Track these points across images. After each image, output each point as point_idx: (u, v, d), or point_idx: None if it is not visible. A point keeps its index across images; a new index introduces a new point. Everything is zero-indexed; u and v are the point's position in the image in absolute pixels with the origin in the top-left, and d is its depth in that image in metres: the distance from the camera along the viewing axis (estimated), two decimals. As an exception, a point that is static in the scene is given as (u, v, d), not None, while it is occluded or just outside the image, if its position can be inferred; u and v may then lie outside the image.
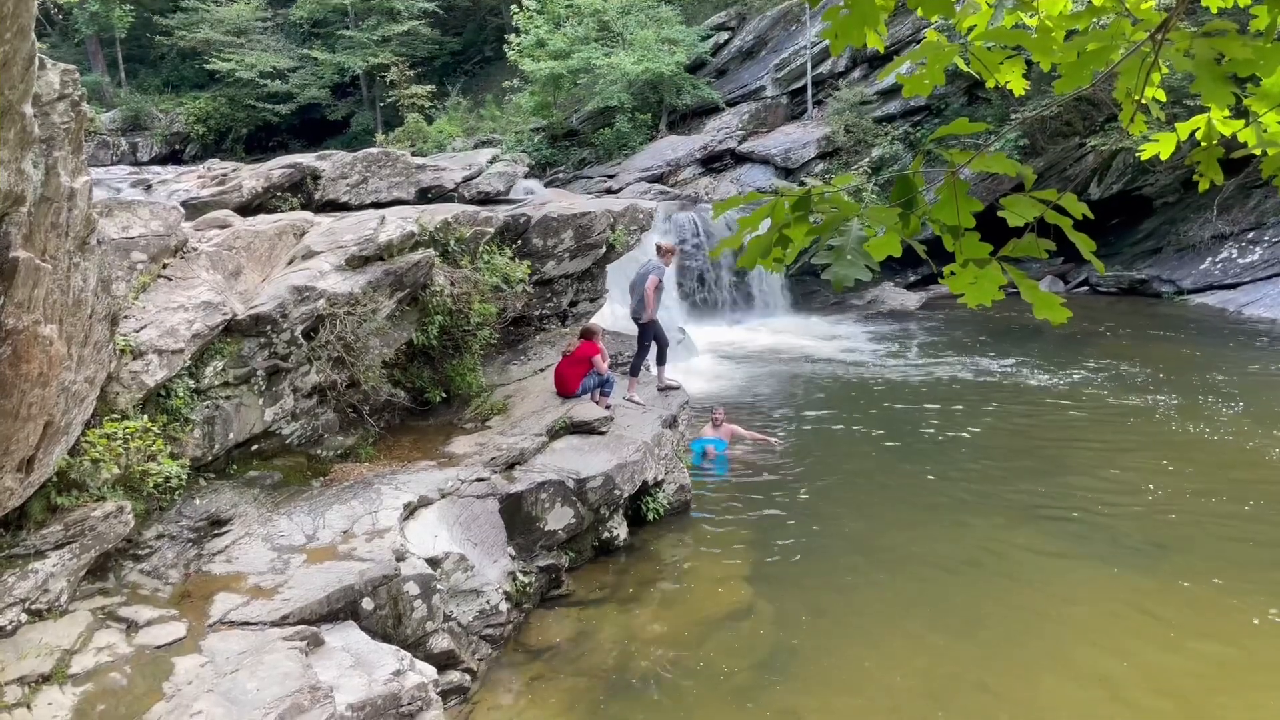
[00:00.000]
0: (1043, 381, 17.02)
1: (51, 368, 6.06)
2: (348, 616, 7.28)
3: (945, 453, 13.45)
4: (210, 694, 6.01)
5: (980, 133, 2.39)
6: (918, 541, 10.49)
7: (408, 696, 6.54)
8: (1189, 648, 8.15)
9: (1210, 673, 7.81)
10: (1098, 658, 8.02)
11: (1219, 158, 3.42)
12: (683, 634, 8.68)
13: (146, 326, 8.05)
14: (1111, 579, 9.40)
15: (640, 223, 14.71)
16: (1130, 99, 2.97)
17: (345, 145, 35.42)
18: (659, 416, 11.63)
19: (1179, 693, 7.55)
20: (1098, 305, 23.93)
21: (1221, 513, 10.85)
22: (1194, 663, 7.94)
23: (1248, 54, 2.40)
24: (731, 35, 33.30)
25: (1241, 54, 2.40)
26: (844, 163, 27.31)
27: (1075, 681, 7.71)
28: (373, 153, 14.64)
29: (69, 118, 5.83)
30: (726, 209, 2.87)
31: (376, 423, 10.49)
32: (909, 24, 27.10)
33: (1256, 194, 24.80)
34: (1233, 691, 7.55)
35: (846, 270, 2.41)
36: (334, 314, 9.61)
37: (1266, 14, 2.96)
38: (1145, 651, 8.11)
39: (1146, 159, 3.98)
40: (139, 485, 7.46)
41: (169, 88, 44.37)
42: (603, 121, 31.87)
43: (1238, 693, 7.53)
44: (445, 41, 42.65)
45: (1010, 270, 2.69)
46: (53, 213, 5.78)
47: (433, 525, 8.69)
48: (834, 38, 2.67)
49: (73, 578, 6.80)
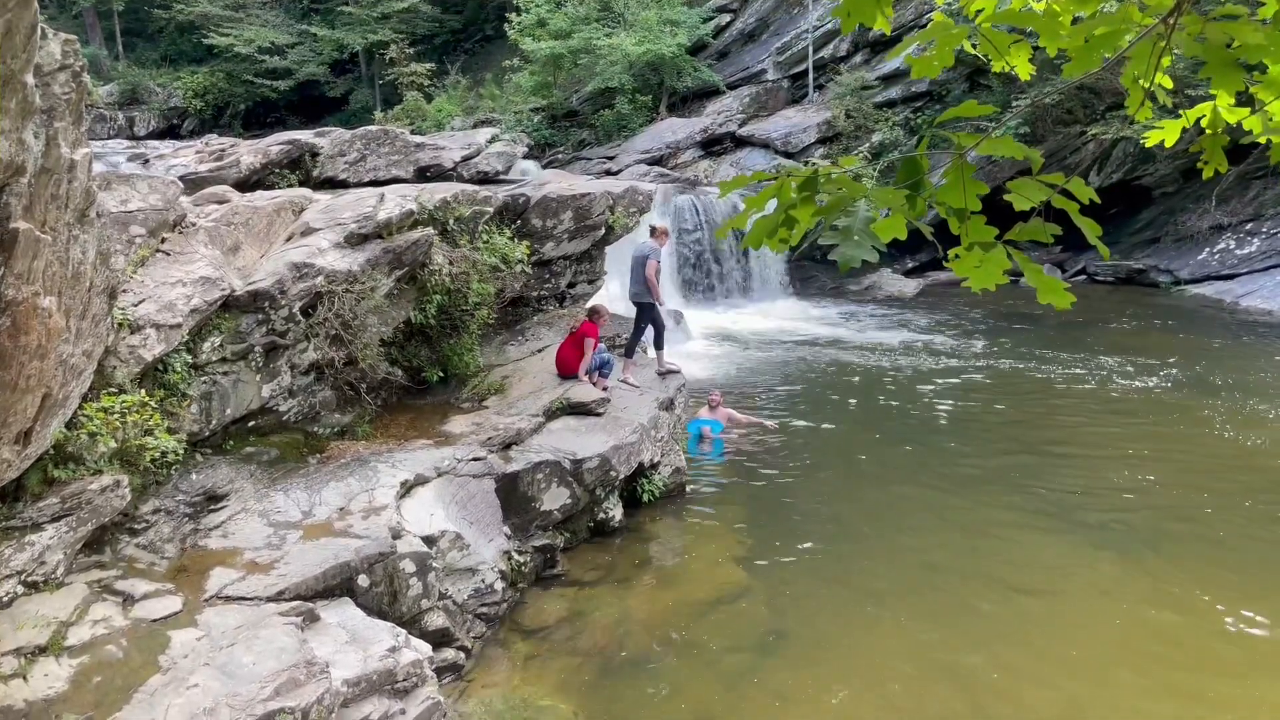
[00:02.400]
0: (1039, 369, 17.04)
1: (50, 340, 6.04)
2: (343, 593, 7.30)
3: (940, 439, 13.48)
4: (207, 667, 6.03)
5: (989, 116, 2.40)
6: (910, 528, 10.53)
7: (403, 673, 6.57)
8: (1176, 637, 8.20)
9: (1196, 662, 7.86)
10: (1087, 646, 8.06)
11: (1224, 146, 3.41)
12: (676, 615, 8.72)
13: (144, 301, 8.03)
14: (1104, 569, 9.45)
15: (640, 205, 14.67)
16: (1138, 85, 2.96)
17: (344, 122, 35.24)
18: (656, 399, 11.64)
19: (1167, 683, 7.60)
20: (1095, 294, 23.95)
21: (1215, 505, 10.89)
22: (1180, 652, 7.99)
23: (1259, 39, 2.40)
24: (733, 17, 33.17)
25: (1254, 39, 2.39)
26: (844, 148, 27.29)
27: (1064, 670, 7.75)
28: (371, 130, 14.58)
29: (70, 89, 5.79)
30: (733, 189, 2.86)
31: (373, 401, 10.48)
32: (911, 9, 27.00)
33: (1255, 185, 24.82)
34: (1224, 684, 7.60)
35: (854, 251, 2.41)
36: (332, 291, 9.58)
37: (1276, 2, 2.95)
38: (1135, 640, 8.15)
39: (1150, 146, 3.97)
40: (136, 459, 7.45)
41: (167, 62, 44.18)
42: (603, 103, 31.77)
43: (1229, 685, 7.58)
44: (445, 19, 42.46)
45: (1015, 255, 2.69)
46: (53, 184, 5.76)
47: (429, 504, 8.70)
48: (845, 16, 2.65)
49: (69, 550, 6.80)
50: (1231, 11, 2.47)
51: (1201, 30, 2.52)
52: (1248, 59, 2.55)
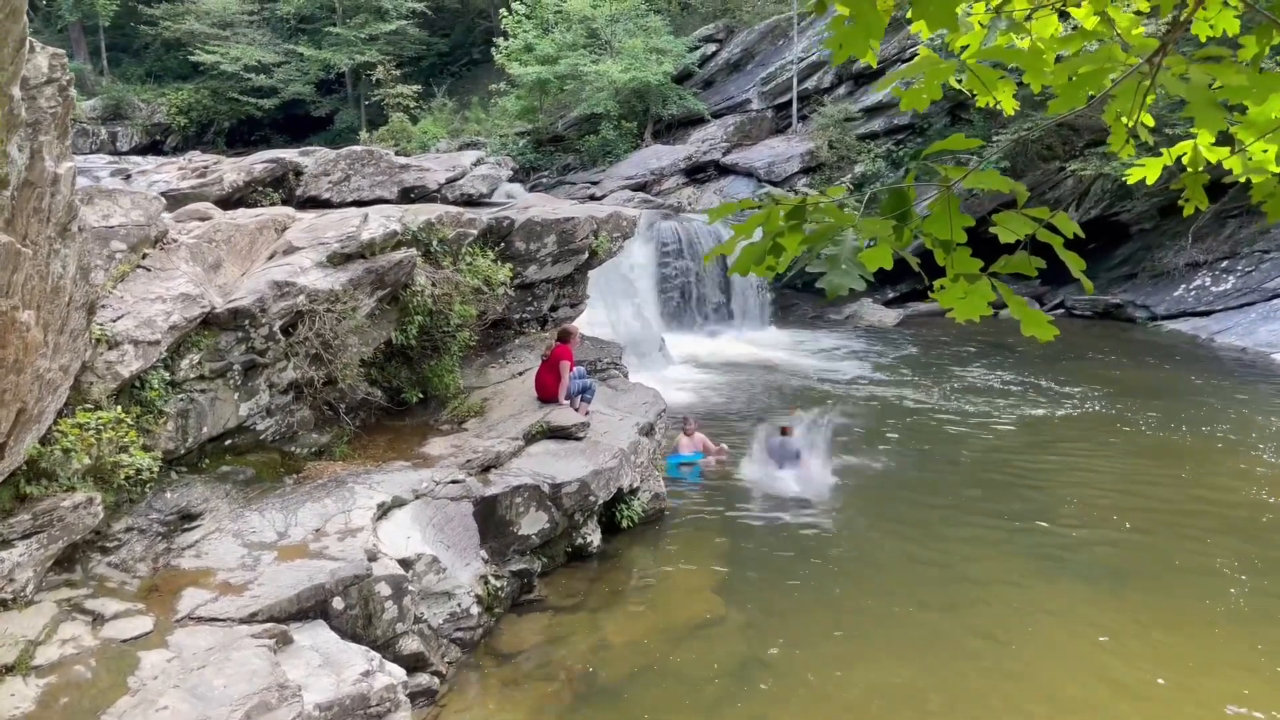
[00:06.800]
0: (1017, 401, 17.15)
1: (27, 354, 5.98)
2: (318, 615, 7.21)
3: (915, 468, 13.51)
4: (176, 689, 5.94)
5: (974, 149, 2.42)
6: (887, 556, 10.54)
7: (376, 698, 6.49)
8: (1152, 671, 8.22)
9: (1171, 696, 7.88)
10: (1063, 677, 8.06)
11: (1204, 184, 3.47)
12: (653, 642, 8.67)
13: (123, 316, 7.96)
14: (1078, 600, 9.47)
15: (624, 230, 14.72)
16: (1121, 123, 3.00)
17: (329, 142, 35.25)
18: (636, 424, 11.62)
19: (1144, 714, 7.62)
20: (1073, 328, 24.16)
21: (1189, 538, 10.95)
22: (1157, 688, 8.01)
23: (1241, 80, 2.44)
24: (719, 47, 33.48)
25: (1236, 80, 2.44)
26: (827, 178, 27.52)
27: (1041, 700, 7.75)
28: (356, 150, 14.58)
29: (56, 102, 5.76)
30: (721, 215, 2.88)
31: (352, 421, 10.42)
32: (895, 43, 27.33)
33: (1231, 223, 25.18)
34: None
35: (841, 279, 2.42)
36: (313, 310, 9.54)
37: (1255, 43, 3.00)
38: (1113, 672, 8.16)
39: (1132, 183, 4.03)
40: (110, 476, 7.36)
41: (151, 78, 44.07)
42: (588, 128, 31.92)
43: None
44: (433, 42, 42.63)
45: (1000, 287, 2.72)
46: (35, 197, 5.72)
47: (406, 526, 8.64)
48: (838, 48, 2.68)
49: (39, 568, 6.70)
50: (1214, 53, 2.52)
51: (1185, 70, 2.56)
52: (1230, 100, 2.59)
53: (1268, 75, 2.55)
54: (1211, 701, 7.70)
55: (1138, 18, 3.56)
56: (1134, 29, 3.52)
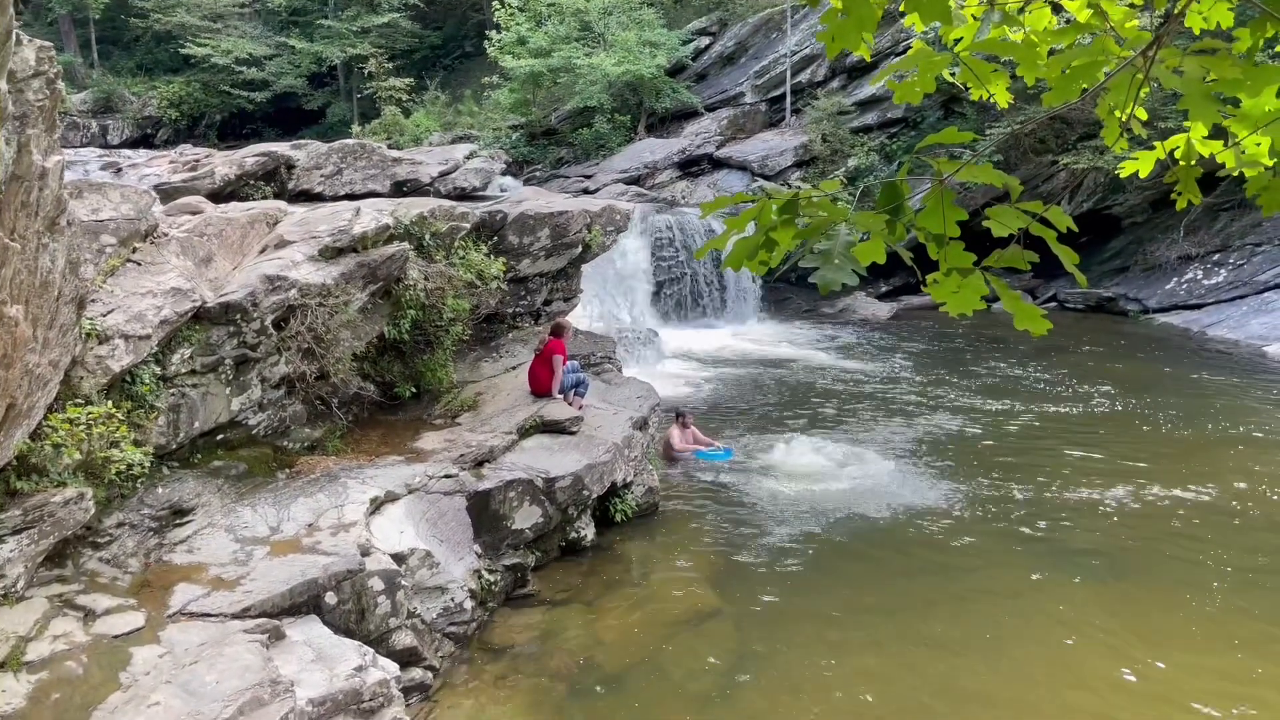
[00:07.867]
0: (1010, 395, 17.16)
1: (16, 349, 5.95)
2: (310, 610, 7.20)
3: (909, 460, 13.52)
4: (168, 685, 5.92)
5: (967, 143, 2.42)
6: (881, 550, 10.55)
7: (369, 693, 6.48)
8: (1146, 663, 8.24)
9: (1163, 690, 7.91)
10: (1057, 671, 8.09)
11: (1197, 177, 3.46)
12: (647, 636, 8.67)
13: (114, 311, 7.92)
14: (1072, 594, 9.50)
15: (617, 224, 14.68)
16: (1114, 116, 3.00)
17: (321, 136, 35.03)
18: (630, 418, 11.61)
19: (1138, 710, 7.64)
20: (1065, 321, 24.17)
21: (1181, 534, 10.98)
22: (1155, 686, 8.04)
23: (1236, 73, 2.43)
24: (712, 40, 33.37)
25: (1230, 73, 2.43)
26: (820, 171, 27.48)
27: (1035, 694, 7.77)
28: (348, 144, 14.53)
29: (44, 95, 5.72)
30: (714, 210, 2.86)
31: (345, 416, 10.39)
32: (888, 36, 27.28)
33: (1223, 217, 25.20)
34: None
35: (834, 274, 2.41)
36: (305, 304, 9.50)
37: (1249, 36, 2.99)
38: (1104, 669, 8.18)
39: (1125, 176, 4.02)
40: (101, 472, 7.33)
41: (142, 71, 43.83)
42: (581, 121, 31.82)
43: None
44: (425, 35, 42.43)
45: (993, 280, 2.71)
46: (23, 191, 5.68)
47: (399, 521, 8.62)
48: (830, 41, 2.66)
49: (30, 564, 6.67)
50: (1209, 45, 2.51)
51: (1180, 63, 2.55)
52: (1224, 92, 2.58)
53: (1262, 68, 2.54)
54: (1212, 702, 7.72)
55: (1131, 11, 3.55)
56: (1127, 22, 3.50)
